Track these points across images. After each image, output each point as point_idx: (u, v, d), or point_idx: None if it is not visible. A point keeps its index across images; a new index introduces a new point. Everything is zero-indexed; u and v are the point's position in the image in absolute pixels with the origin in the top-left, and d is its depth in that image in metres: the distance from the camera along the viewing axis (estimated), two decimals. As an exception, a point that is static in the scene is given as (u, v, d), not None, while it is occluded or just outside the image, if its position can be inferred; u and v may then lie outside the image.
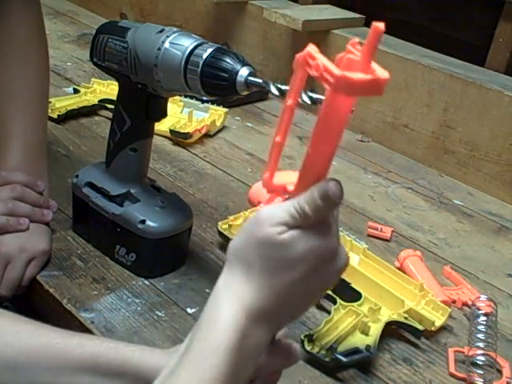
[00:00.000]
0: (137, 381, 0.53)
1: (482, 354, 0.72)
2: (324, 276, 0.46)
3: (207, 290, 0.77)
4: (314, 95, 0.56)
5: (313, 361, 0.68)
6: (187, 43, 0.65)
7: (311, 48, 0.41)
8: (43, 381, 0.53)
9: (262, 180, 0.48)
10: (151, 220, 0.74)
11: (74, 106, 1.17)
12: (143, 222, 0.74)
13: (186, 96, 1.23)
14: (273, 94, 0.60)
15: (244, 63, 0.62)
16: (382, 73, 0.40)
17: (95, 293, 0.74)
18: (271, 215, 0.44)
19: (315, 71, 0.41)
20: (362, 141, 1.28)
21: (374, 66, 0.40)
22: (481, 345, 0.73)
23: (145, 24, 0.71)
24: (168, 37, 0.67)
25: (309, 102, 0.56)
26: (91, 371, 0.53)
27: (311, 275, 0.45)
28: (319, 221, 0.44)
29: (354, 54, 0.40)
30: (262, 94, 1.38)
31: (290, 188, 0.46)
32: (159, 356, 0.54)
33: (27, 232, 0.75)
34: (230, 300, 0.45)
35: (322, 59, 0.40)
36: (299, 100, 0.46)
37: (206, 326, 0.45)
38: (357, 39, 0.41)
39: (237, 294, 0.45)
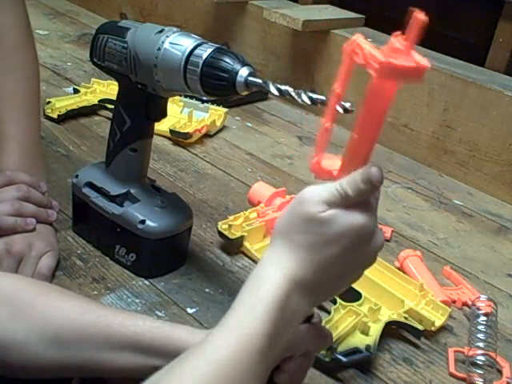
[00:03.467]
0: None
1: (482, 354, 0.72)
2: (362, 254, 0.49)
3: (207, 290, 0.77)
4: (314, 95, 0.56)
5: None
6: (187, 43, 0.65)
7: (358, 37, 0.45)
8: (87, 357, 0.54)
9: (311, 164, 0.51)
10: (151, 220, 0.74)
11: (74, 106, 1.17)
12: (143, 222, 0.74)
13: (185, 96, 1.23)
14: (272, 94, 0.60)
15: (244, 63, 0.62)
16: (424, 61, 0.43)
17: (95, 293, 0.74)
18: (314, 194, 0.48)
19: (362, 59, 0.44)
20: (362, 141, 1.28)
21: (415, 54, 0.43)
22: (481, 345, 0.73)
23: (145, 24, 0.71)
24: (168, 37, 0.66)
25: (308, 102, 0.56)
26: (134, 349, 0.54)
27: (350, 252, 0.48)
28: (359, 202, 0.48)
29: (396, 44, 0.43)
30: (261, 94, 1.38)
31: (336, 173, 0.50)
32: (198, 335, 0.55)
33: (34, 232, 0.75)
34: (274, 269, 0.48)
35: (368, 47, 0.44)
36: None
37: (249, 291, 0.47)
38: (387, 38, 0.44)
39: (280, 264, 0.48)
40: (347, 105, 0.52)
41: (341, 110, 0.52)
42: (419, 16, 0.41)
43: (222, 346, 0.45)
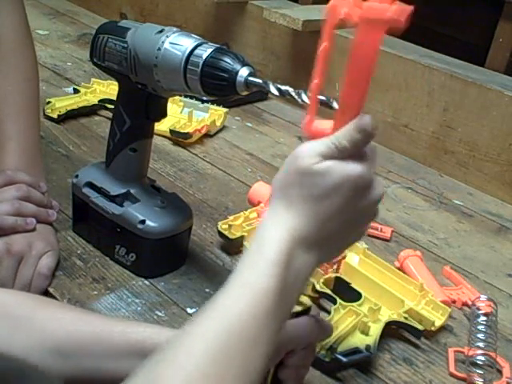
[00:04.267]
0: None
1: (482, 354, 0.72)
2: (362, 205, 0.49)
3: (207, 290, 0.77)
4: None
5: (313, 361, 0.67)
6: (187, 43, 0.65)
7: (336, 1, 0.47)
8: (89, 366, 0.54)
9: (303, 126, 0.52)
10: (151, 220, 0.74)
11: (74, 106, 1.17)
12: (143, 222, 0.74)
13: (186, 96, 1.23)
14: (272, 94, 0.60)
15: (244, 63, 0.62)
16: (404, 5, 0.45)
17: (95, 293, 0.74)
18: (308, 148, 0.48)
19: (345, 12, 0.46)
20: (362, 141, 1.28)
21: (396, 3, 0.45)
22: (481, 345, 0.73)
23: (145, 24, 0.71)
24: (168, 37, 0.67)
25: (309, 102, 0.56)
26: (136, 356, 0.53)
27: (349, 203, 0.48)
28: (354, 153, 0.48)
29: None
30: (261, 94, 1.38)
31: (328, 132, 0.50)
32: None
33: (34, 232, 0.75)
34: (276, 227, 0.47)
35: (347, 5, 0.46)
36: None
37: (254, 249, 0.47)
38: None
39: (281, 220, 0.48)
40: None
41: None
42: None
43: (231, 304, 0.44)
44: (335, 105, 0.53)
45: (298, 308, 0.57)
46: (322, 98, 0.54)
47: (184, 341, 0.43)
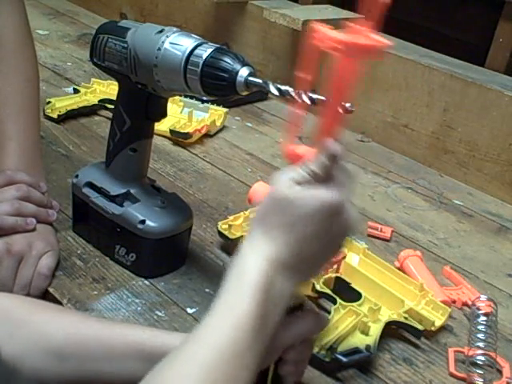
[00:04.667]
0: None
1: (482, 354, 0.72)
2: (336, 227, 0.51)
3: (207, 290, 0.77)
4: (314, 95, 0.56)
5: (313, 361, 0.67)
6: (187, 43, 0.65)
7: (319, 25, 0.50)
8: (88, 368, 0.55)
9: (283, 151, 0.56)
10: (151, 220, 0.74)
11: (74, 106, 1.17)
12: (143, 222, 0.74)
13: (186, 96, 1.23)
14: (272, 94, 0.60)
15: (244, 63, 0.62)
16: (382, 39, 0.48)
17: (95, 293, 0.74)
18: (282, 176, 0.51)
19: (327, 44, 0.49)
20: (362, 141, 1.28)
21: (375, 35, 0.49)
22: (481, 345, 0.73)
23: (145, 24, 0.71)
24: (168, 37, 0.66)
25: (308, 102, 0.56)
26: (135, 358, 0.54)
27: (324, 227, 0.50)
28: (326, 178, 0.51)
29: (358, 27, 0.49)
30: (261, 94, 1.38)
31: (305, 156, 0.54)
32: None
33: (34, 232, 0.75)
34: (254, 254, 0.49)
35: (331, 31, 0.49)
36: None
37: (233, 276, 0.49)
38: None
39: (259, 248, 0.50)
40: (347, 105, 0.52)
41: (340, 110, 0.52)
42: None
43: (216, 330, 0.46)
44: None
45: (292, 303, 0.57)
46: (322, 98, 0.54)
47: (173, 365, 0.45)
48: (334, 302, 0.74)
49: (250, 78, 0.61)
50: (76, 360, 0.55)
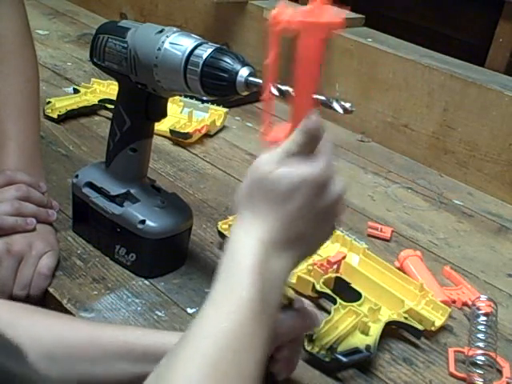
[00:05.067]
0: None
1: (482, 354, 0.72)
2: (324, 202, 0.51)
3: (207, 290, 0.77)
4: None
5: (313, 361, 0.67)
6: (187, 43, 0.65)
7: (278, 9, 0.51)
8: (80, 371, 0.55)
9: (260, 136, 0.56)
10: (151, 220, 0.74)
11: (74, 106, 1.17)
12: (143, 222, 0.74)
13: (186, 96, 1.23)
14: (272, 94, 0.59)
15: (244, 63, 0.62)
16: (339, 14, 0.50)
17: (95, 293, 0.74)
18: (263, 157, 0.51)
19: (286, 24, 0.50)
20: (361, 141, 1.28)
21: (331, 10, 0.50)
22: (481, 345, 0.73)
23: (145, 24, 0.71)
24: (168, 37, 0.66)
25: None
26: (127, 358, 0.54)
27: (310, 202, 0.50)
28: (307, 155, 0.51)
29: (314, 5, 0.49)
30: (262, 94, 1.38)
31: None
32: None
33: (34, 232, 0.75)
34: (245, 236, 0.49)
35: (288, 12, 0.50)
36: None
37: (228, 262, 0.49)
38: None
39: (250, 230, 0.50)
40: (347, 105, 0.52)
41: (340, 110, 0.52)
42: None
43: (217, 320, 0.45)
44: (335, 105, 0.53)
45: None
46: (322, 98, 0.54)
47: (176, 364, 0.43)
48: (334, 302, 0.74)
49: (250, 78, 0.61)
50: (66, 362, 0.54)
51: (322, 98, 0.54)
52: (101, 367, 0.54)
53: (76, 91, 1.24)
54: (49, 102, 1.15)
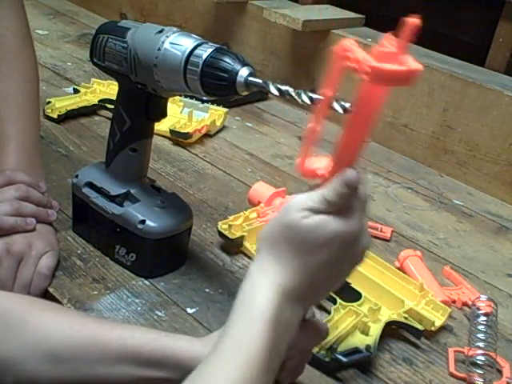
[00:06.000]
0: (177, 369, 0.54)
1: (482, 354, 0.72)
2: (348, 257, 0.50)
3: (207, 290, 0.77)
4: (314, 95, 0.56)
5: (313, 361, 0.67)
6: (187, 43, 0.65)
7: (348, 41, 0.45)
8: (85, 372, 0.54)
9: (296, 165, 0.52)
10: (151, 220, 0.74)
11: (74, 106, 1.17)
12: (143, 222, 0.74)
13: (186, 96, 1.23)
14: (272, 94, 0.60)
15: (244, 63, 0.62)
16: (415, 64, 0.43)
17: (95, 293, 0.74)
18: (297, 202, 0.48)
19: (354, 63, 0.44)
20: (361, 141, 1.28)
21: (407, 58, 0.43)
22: (481, 345, 0.73)
23: (145, 24, 0.71)
24: (168, 37, 0.66)
25: (308, 102, 0.56)
26: (133, 362, 0.54)
27: (336, 257, 0.48)
28: (342, 207, 0.48)
29: (388, 48, 0.43)
30: (261, 94, 1.38)
31: (320, 172, 0.50)
32: (198, 345, 0.55)
33: (34, 232, 0.75)
34: (263, 281, 0.48)
35: (360, 51, 0.44)
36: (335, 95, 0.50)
37: (243, 306, 0.48)
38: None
39: (269, 275, 0.48)
40: (347, 105, 0.52)
41: (340, 110, 0.52)
42: (412, 20, 0.42)
43: (226, 367, 0.44)
44: (335, 105, 0.52)
45: None
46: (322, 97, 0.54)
47: None
48: (334, 301, 0.74)
49: (250, 78, 0.61)
50: (71, 362, 0.54)
51: (321, 97, 0.54)
52: (105, 369, 0.54)
53: (76, 91, 1.24)
54: (49, 102, 1.15)
